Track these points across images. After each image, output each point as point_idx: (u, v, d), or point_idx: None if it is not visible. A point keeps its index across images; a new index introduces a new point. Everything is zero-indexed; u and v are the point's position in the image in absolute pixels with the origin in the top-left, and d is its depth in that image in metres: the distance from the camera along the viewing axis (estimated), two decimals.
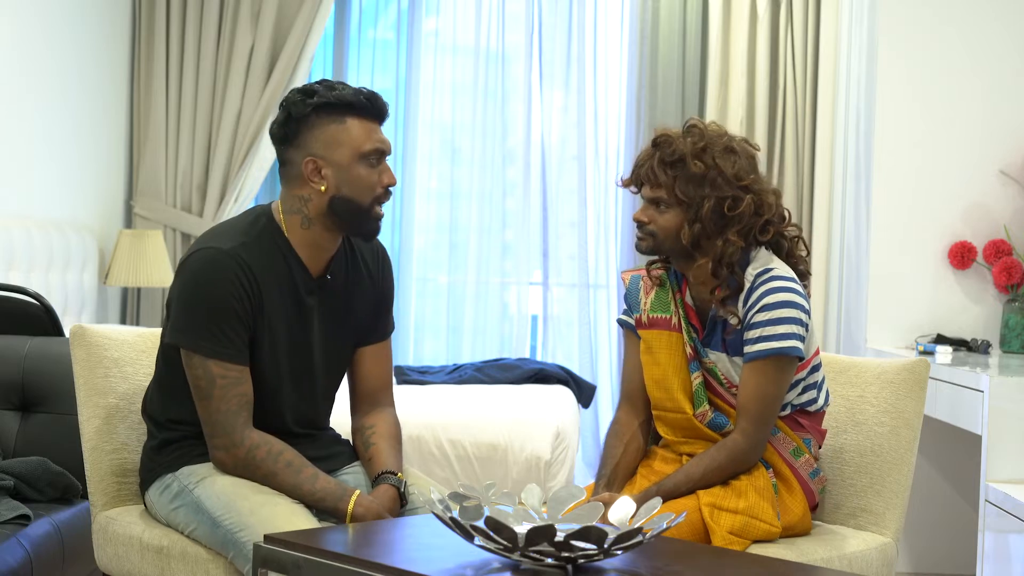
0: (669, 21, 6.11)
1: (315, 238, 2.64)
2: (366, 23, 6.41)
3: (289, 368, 2.67)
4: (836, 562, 2.68)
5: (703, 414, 2.73)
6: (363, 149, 2.59)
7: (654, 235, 2.71)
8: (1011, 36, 4.97)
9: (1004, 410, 3.91)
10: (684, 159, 2.66)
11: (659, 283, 2.82)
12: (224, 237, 2.62)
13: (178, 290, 2.60)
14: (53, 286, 5.16)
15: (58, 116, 5.45)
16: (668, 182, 2.67)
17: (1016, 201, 4.95)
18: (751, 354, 2.66)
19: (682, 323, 2.77)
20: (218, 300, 2.55)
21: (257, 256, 2.60)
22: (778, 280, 2.67)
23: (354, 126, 2.59)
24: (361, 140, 2.59)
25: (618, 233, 6.22)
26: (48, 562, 3.03)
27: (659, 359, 2.78)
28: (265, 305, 2.60)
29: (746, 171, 2.69)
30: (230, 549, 2.52)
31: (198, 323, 2.56)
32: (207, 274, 2.57)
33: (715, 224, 2.66)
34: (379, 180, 2.61)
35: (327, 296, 2.70)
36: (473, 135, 6.34)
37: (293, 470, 2.58)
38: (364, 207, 2.61)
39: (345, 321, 2.73)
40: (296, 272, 2.65)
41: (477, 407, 4.79)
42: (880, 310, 5.03)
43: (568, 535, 2.08)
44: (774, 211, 2.71)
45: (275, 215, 2.66)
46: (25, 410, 3.49)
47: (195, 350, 2.57)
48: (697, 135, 2.69)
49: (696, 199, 2.65)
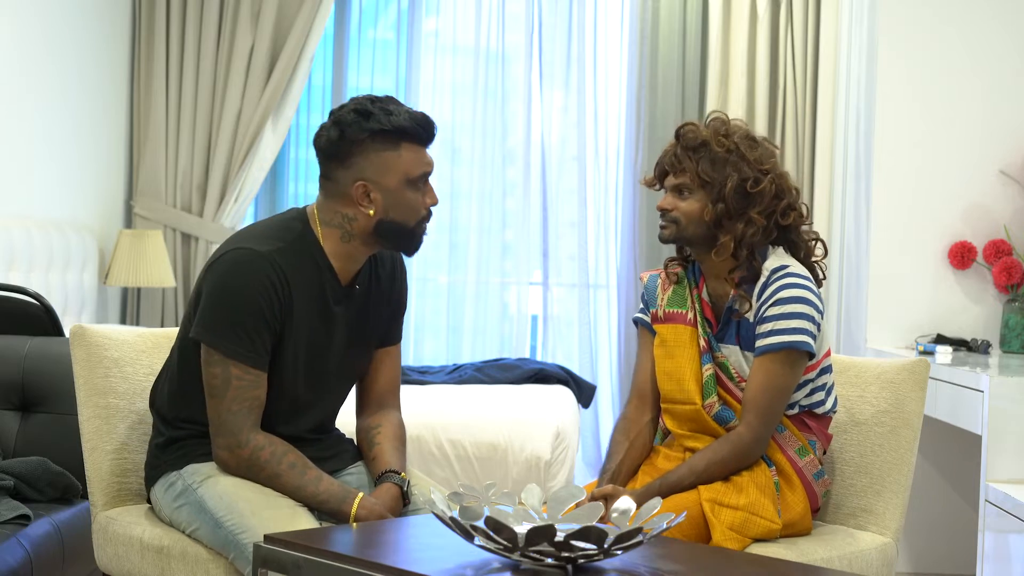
0: (669, 21, 6.11)
1: (351, 251, 2.65)
2: (366, 23, 6.41)
3: (305, 373, 2.67)
4: (836, 562, 2.68)
5: (710, 405, 2.74)
6: (413, 175, 2.60)
7: (677, 222, 2.75)
8: (1011, 36, 4.97)
9: (1004, 410, 3.91)
10: (707, 143, 2.72)
11: (676, 280, 2.85)
12: (260, 239, 2.61)
13: (210, 287, 2.59)
14: (53, 286, 5.16)
15: (58, 116, 5.45)
16: (691, 166, 2.72)
17: (1016, 201, 4.95)
18: (762, 347, 2.68)
19: (698, 318, 2.80)
20: (249, 302, 2.55)
21: (291, 261, 2.60)
22: (793, 277, 2.70)
23: (407, 153, 2.59)
24: (412, 166, 2.60)
25: (618, 233, 6.22)
26: (48, 562, 3.03)
27: (673, 352, 2.80)
28: (295, 312, 2.60)
29: (767, 157, 2.74)
30: (231, 550, 2.52)
31: (224, 322, 2.56)
32: (242, 275, 2.56)
33: (737, 203, 2.70)
34: (423, 202, 2.63)
35: (352, 305, 2.70)
36: (473, 135, 6.34)
37: (297, 472, 2.58)
38: (410, 229, 2.63)
39: (366, 330, 2.74)
40: (327, 281, 2.65)
41: (477, 407, 4.79)
42: (880, 310, 5.03)
43: (568, 535, 2.08)
44: (795, 197, 2.76)
45: (311, 223, 2.66)
46: (25, 410, 3.49)
47: (217, 348, 2.56)
48: (720, 123, 2.77)
49: (719, 179, 2.70)
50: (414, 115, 2.60)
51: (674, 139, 2.78)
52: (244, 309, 2.55)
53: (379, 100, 2.60)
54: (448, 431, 4.56)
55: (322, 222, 2.64)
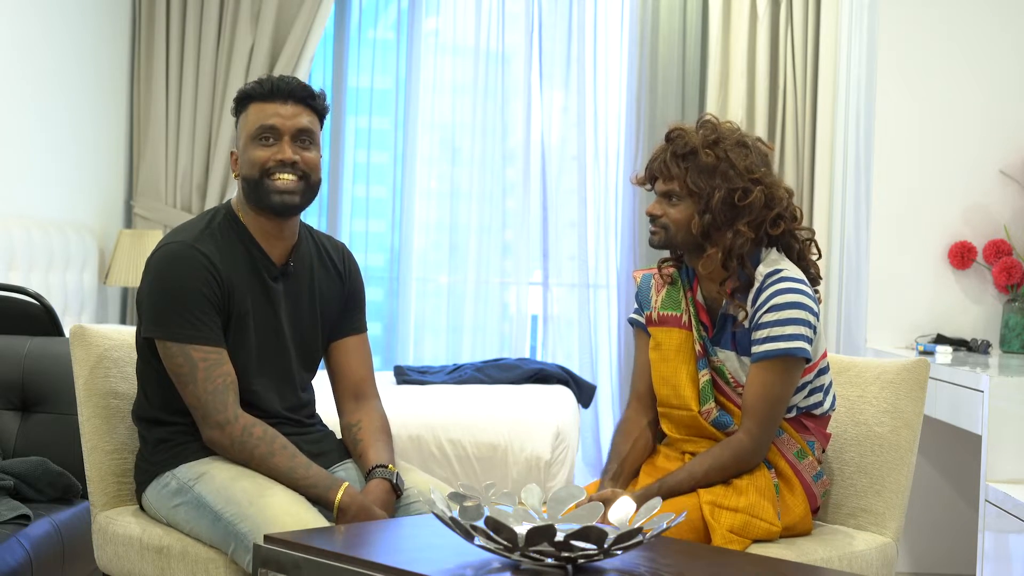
0: (669, 21, 6.11)
1: (262, 225, 2.73)
2: (366, 23, 6.41)
3: (262, 351, 2.71)
4: (836, 562, 2.68)
5: (708, 411, 2.73)
6: (252, 130, 2.70)
7: (666, 228, 2.73)
8: (1011, 36, 4.97)
9: (1004, 410, 3.91)
10: (696, 151, 2.69)
11: (670, 281, 2.84)
12: (184, 232, 2.71)
13: (146, 288, 2.68)
14: (53, 286, 5.16)
15: (58, 116, 5.45)
16: (680, 174, 2.70)
17: (1016, 201, 4.95)
18: (758, 354, 2.66)
19: (692, 321, 2.78)
20: (186, 288, 2.62)
21: (218, 245, 2.69)
22: (787, 281, 2.68)
23: (252, 112, 2.72)
24: (253, 122, 2.70)
25: (618, 233, 6.22)
26: (48, 562, 3.03)
27: (667, 356, 2.79)
28: (234, 291, 2.67)
29: (757, 165, 2.71)
30: (231, 542, 2.52)
31: (170, 313, 2.62)
32: (171, 266, 2.64)
33: (725, 215, 2.68)
34: (271, 156, 2.69)
35: (292, 282, 2.77)
36: (473, 135, 6.34)
37: (288, 454, 2.61)
38: (255, 181, 2.69)
39: (311, 307, 2.79)
40: (259, 259, 2.72)
41: (477, 407, 4.79)
42: (880, 310, 5.03)
43: (568, 535, 2.08)
44: (785, 206, 2.73)
45: (234, 207, 2.77)
46: (25, 410, 3.49)
47: (171, 338, 2.62)
48: (710, 129, 2.73)
49: (707, 190, 2.68)
50: (267, 77, 2.73)
51: (664, 141, 2.76)
52: (185, 296, 2.62)
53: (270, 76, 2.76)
54: (448, 431, 4.56)
55: (240, 201, 2.76)
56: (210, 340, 2.62)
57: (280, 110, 2.70)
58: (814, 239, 2.81)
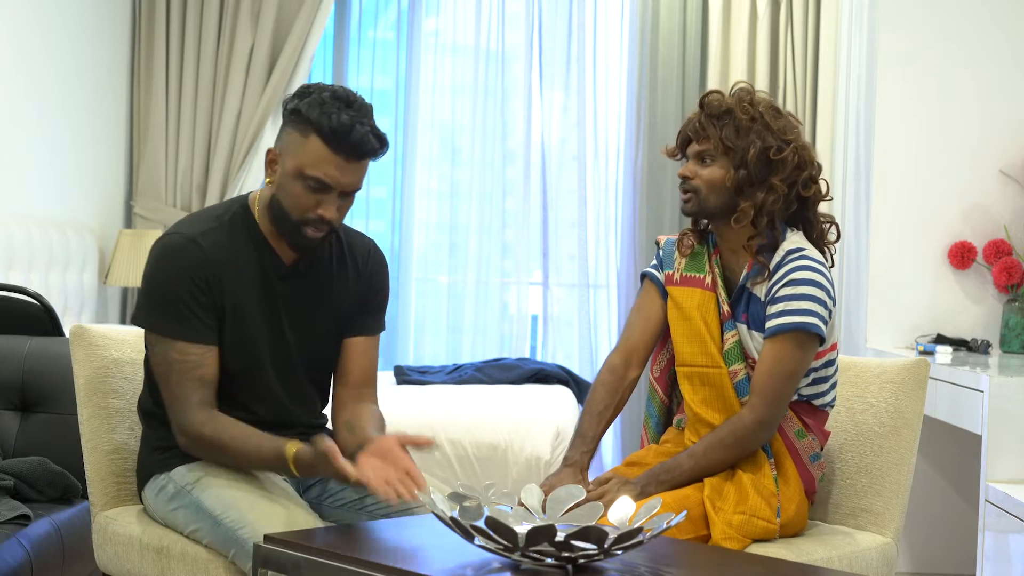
0: (669, 21, 6.11)
1: (274, 232, 2.66)
2: (366, 23, 6.41)
3: (268, 355, 2.67)
4: (836, 562, 2.68)
5: (735, 372, 2.73)
6: (307, 170, 2.55)
7: (697, 191, 2.73)
8: (1010, 36, 4.97)
9: (1004, 410, 3.91)
10: (731, 110, 2.71)
11: (692, 251, 2.84)
12: (192, 223, 2.67)
13: (143, 275, 2.67)
14: (53, 286, 5.16)
15: (58, 116, 5.45)
16: (715, 133, 2.71)
17: (1016, 201, 4.95)
18: (772, 328, 2.66)
19: (717, 281, 2.78)
20: (178, 281, 2.59)
21: (221, 240, 2.63)
22: (808, 260, 2.69)
23: (312, 147, 2.53)
24: (310, 162, 2.54)
25: (618, 233, 6.22)
26: (48, 562, 3.03)
27: (689, 314, 2.78)
28: (225, 286, 2.61)
29: (791, 128, 2.74)
30: (231, 547, 2.52)
31: (157, 303, 2.60)
32: (167, 257, 2.61)
33: (759, 170, 2.70)
34: (313, 207, 2.57)
35: (300, 284, 2.69)
36: (473, 135, 6.34)
37: (238, 444, 2.57)
38: (292, 222, 2.59)
39: (319, 311, 2.71)
40: (266, 257, 2.66)
41: (477, 407, 4.79)
42: (880, 310, 5.03)
43: (568, 535, 2.08)
44: (817, 171, 2.75)
45: (251, 203, 2.69)
46: (25, 410, 3.49)
47: (154, 329, 2.61)
48: (745, 92, 2.76)
49: (742, 146, 2.70)
50: (343, 123, 2.51)
51: (698, 108, 2.77)
52: (173, 289, 2.59)
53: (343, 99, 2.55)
54: (448, 431, 4.56)
55: (260, 200, 2.67)
56: (191, 335, 2.58)
57: (343, 166, 2.54)
58: (836, 223, 2.82)
